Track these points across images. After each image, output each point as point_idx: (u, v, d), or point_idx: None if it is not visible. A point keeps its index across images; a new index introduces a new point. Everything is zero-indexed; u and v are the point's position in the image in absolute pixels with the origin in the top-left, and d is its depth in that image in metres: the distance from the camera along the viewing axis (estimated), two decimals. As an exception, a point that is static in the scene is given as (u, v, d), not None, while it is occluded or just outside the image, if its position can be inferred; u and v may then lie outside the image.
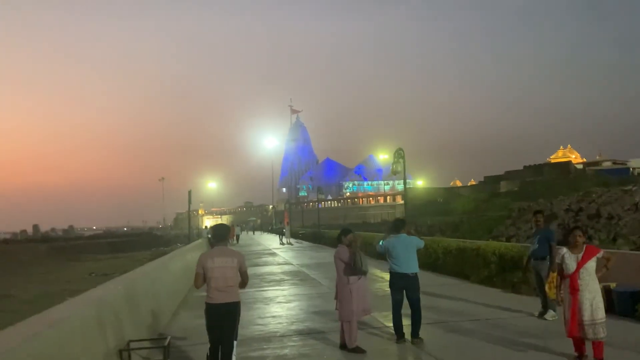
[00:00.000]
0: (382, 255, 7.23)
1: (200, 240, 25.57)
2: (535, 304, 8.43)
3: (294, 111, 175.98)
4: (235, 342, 5.22)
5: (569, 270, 5.58)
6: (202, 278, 5.03)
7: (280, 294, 11.59)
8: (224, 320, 4.97)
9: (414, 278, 6.66)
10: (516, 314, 8.24)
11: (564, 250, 5.77)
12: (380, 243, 6.91)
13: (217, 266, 4.97)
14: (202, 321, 5.20)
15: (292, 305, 10.04)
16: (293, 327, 7.97)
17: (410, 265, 6.65)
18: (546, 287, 7.33)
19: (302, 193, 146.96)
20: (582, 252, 5.59)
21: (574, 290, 5.49)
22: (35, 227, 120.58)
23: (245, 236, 55.76)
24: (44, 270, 38.20)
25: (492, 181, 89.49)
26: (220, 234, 5.29)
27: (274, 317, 8.87)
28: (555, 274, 6.31)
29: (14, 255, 48.88)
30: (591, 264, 5.56)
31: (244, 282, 5.18)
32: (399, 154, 16.94)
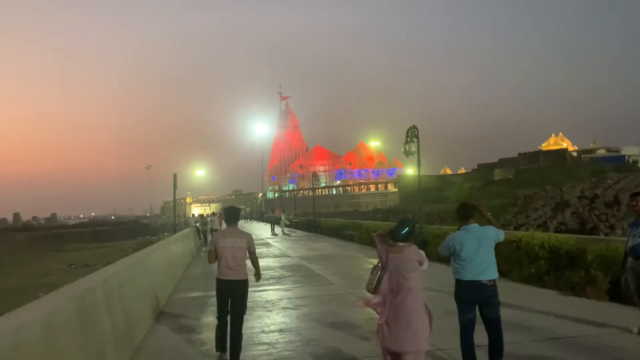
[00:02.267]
0: (445, 258, 5.19)
1: (187, 230, 23.50)
2: (620, 313, 6.56)
3: (283, 97, 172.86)
4: (244, 317, 5.53)
5: None
6: (214, 255, 5.48)
7: (284, 296, 9.62)
8: (232, 296, 5.40)
9: (492, 288, 4.71)
10: (604, 330, 6.27)
11: None
12: (450, 242, 4.89)
13: (227, 245, 5.39)
14: (184, 339, 5.84)
15: (301, 312, 8.07)
16: (310, 350, 5.99)
17: (487, 268, 4.69)
18: None
19: (292, 181, 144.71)
20: None
21: None
22: (16, 215, 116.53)
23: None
24: (21, 261, 35.92)
25: (485, 169, 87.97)
26: (232, 216, 5.72)
27: (281, 331, 6.89)
28: None
29: (-9, 244, 46.40)
30: None
31: (256, 269, 5.79)
32: (413, 133, 14.94)
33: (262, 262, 15.21)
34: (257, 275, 5.87)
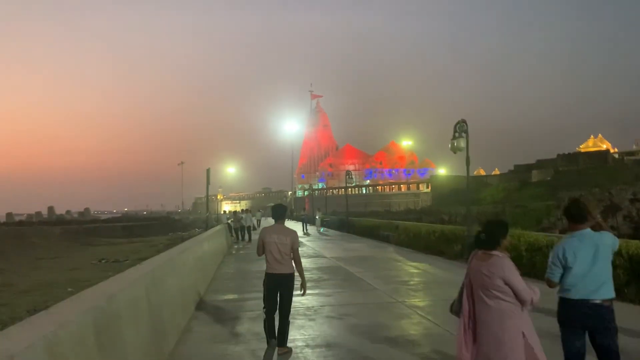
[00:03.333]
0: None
1: (219, 227, 22.89)
2: None
3: (314, 96, 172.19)
4: (290, 310, 5.75)
5: None
6: (262, 249, 5.74)
7: (326, 302, 8.76)
8: (280, 288, 5.63)
9: (608, 310, 3.69)
10: None
11: None
12: (560, 252, 3.83)
13: (273, 241, 5.62)
14: (219, 353, 5.74)
15: (348, 323, 7.17)
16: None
17: (603, 285, 3.68)
18: None
19: (321, 179, 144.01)
20: None
21: None
22: (50, 209, 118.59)
23: (265, 222, 53.30)
24: (54, 254, 36.01)
25: (522, 170, 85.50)
26: (279, 213, 5.92)
27: (329, 346, 6.01)
28: None
29: (26, 237, 46.89)
30: None
31: (297, 264, 5.75)
32: (462, 128, 13.88)
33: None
34: (298, 270, 5.79)
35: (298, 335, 6.51)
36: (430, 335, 6.39)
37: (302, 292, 5.79)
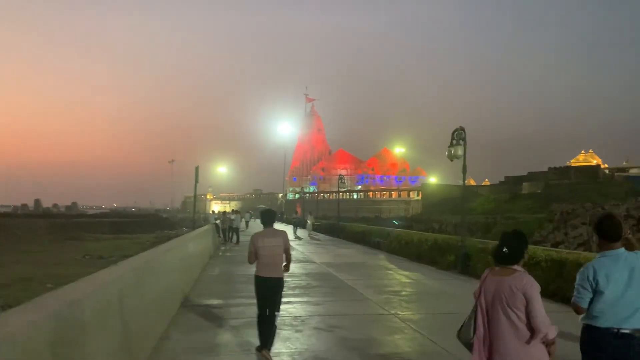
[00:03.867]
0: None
1: (207, 227, 22.36)
2: None
3: (309, 99, 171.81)
4: (277, 314, 5.79)
5: None
6: (254, 255, 5.74)
7: (314, 312, 8.30)
8: (270, 292, 5.71)
9: (638, 341, 3.24)
10: None
11: None
12: (590, 274, 3.34)
13: (266, 245, 5.69)
14: (200, 351, 5.76)
15: (337, 336, 6.71)
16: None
17: (636, 313, 3.20)
18: None
19: (313, 183, 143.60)
20: None
21: None
22: (37, 201, 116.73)
23: (253, 224, 52.71)
24: (38, 248, 35.27)
25: (513, 181, 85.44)
26: (269, 218, 5.98)
27: (317, 363, 5.55)
28: None
29: (10, 230, 46.05)
30: None
31: (288, 263, 5.96)
32: (459, 135, 13.49)
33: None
34: (287, 267, 5.95)
35: (283, 348, 6.04)
36: (426, 353, 5.95)
37: (284, 269, 5.91)
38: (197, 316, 7.78)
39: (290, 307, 8.41)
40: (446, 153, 13.76)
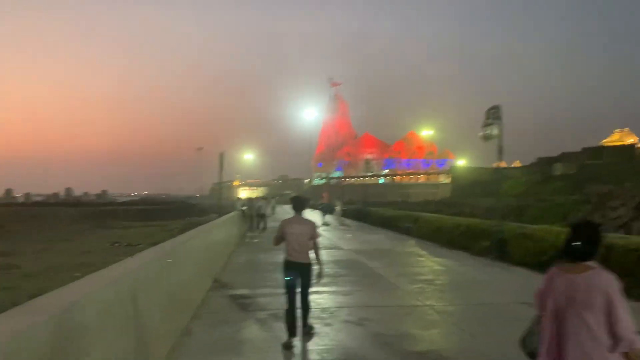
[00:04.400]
0: None
1: (233, 214, 22.09)
2: None
3: (333, 84, 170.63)
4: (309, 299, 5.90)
5: None
6: (279, 240, 5.92)
7: (343, 303, 7.85)
8: (299, 276, 5.75)
9: None
10: None
11: None
12: None
13: (294, 232, 5.78)
14: (222, 349, 5.39)
15: (369, 331, 6.24)
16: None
17: None
18: None
19: (339, 168, 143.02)
20: None
21: None
22: (68, 190, 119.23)
23: (280, 210, 52.57)
24: (67, 236, 35.76)
25: (545, 163, 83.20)
26: (300, 205, 6.12)
27: (349, 362, 5.10)
28: None
29: (41, 218, 46.93)
30: None
31: (317, 255, 5.94)
32: (495, 114, 12.78)
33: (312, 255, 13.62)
34: (318, 261, 5.95)
35: (312, 345, 5.62)
36: (467, 351, 5.44)
37: (317, 280, 5.95)
38: (222, 308, 7.42)
39: (318, 298, 7.97)
40: (480, 133, 13.08)
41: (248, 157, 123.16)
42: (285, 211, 47.62)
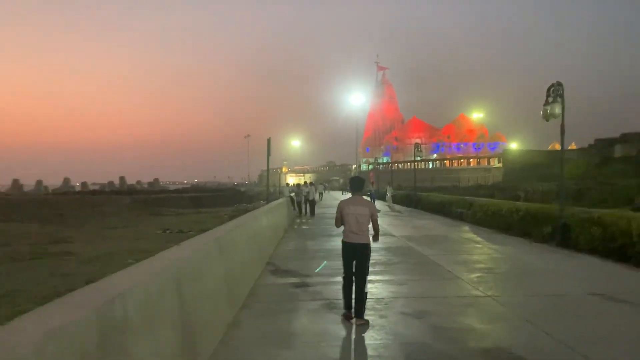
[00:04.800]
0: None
1: (281, 200, 21.96)
2: None
3: (380, 68, 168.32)
4: (367, 277, 5.90)
5: None
6: (340, 221, 5.97)
7: (398, 293, 7.42)
8: (356, 257, 5.85)
9: None
10: None
11: None
12: None
13: (352, 212, 5.82)
14: (272, 343, 5.11)
15: (429, 324, 5.78)
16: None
17: None
18: None
19: (386, 153, 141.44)
20: None
21: None
22: (122, 179, 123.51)
23: (327, 196, 52.36)
24: (122, 223, 36.72)
25: (604, 144, 79.24)
26: (357, 185, 6.13)
27: (409, 360, 4.69)
28: None
29: (98, 206, 48.52)
30: None
31: (376, 232, 6.05)
32: (556, 91, 11.90)
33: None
34: (375, 237, 6.07)
35: (367, 338, 5.24)
36: (542, 351, 4.90)
37: (374, 239, 6.05)
38: (271, 298, 7.14)
39: (371, 287, 7.56)
40: (541, 112, 12.23)
41: (295, 144, 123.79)
42: (333, 197, 47.36)
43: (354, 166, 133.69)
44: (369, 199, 31.45)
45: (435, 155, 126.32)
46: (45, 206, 45.97)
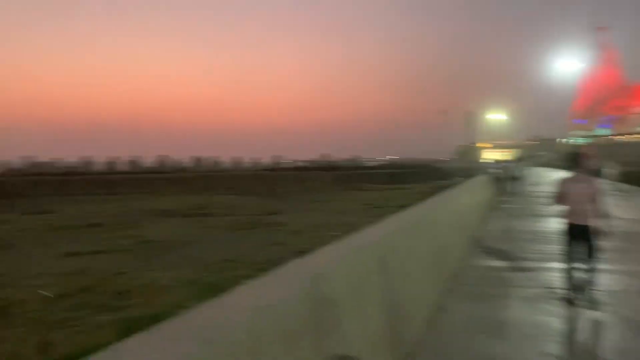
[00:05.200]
0: None
1: (483, 177, 20.76)
2: None
3: (599, 29, 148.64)
4: (594, 264, 5.42)
5: None
6: (559, 199, 5.55)
7: (635, 285, 6.29)
8: (579, 240, 5.36)
9: None
10: None
11: None
12: None
13: (573, 191, 5.39)
14: (484, 332, 4.64)
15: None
16: None
17: None
18: None
19: (604, 125, 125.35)
20: None
21: None
22: (324, 155, 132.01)
23: (532, 172, 48.30)
24: (325, 197, 38.99)
25: None
26: (575, 161, 5.56)
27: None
28: None
29: (303, 182, 52.34)
30: None
31: (601, 214, 5.38)
32: None
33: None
34: (600, 218, 5.45)
35: (597, 337, 4.46)
36: None
37: (605, 237, 5.49)
38: (477, 282, 6.63)
39: (600, 275, 6.52)
40: None
41: (496, 117, 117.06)
42: (539, 174, 43.50)
43: (564, 140, 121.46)
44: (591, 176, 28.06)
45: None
46: (259, 180, 51.33)
